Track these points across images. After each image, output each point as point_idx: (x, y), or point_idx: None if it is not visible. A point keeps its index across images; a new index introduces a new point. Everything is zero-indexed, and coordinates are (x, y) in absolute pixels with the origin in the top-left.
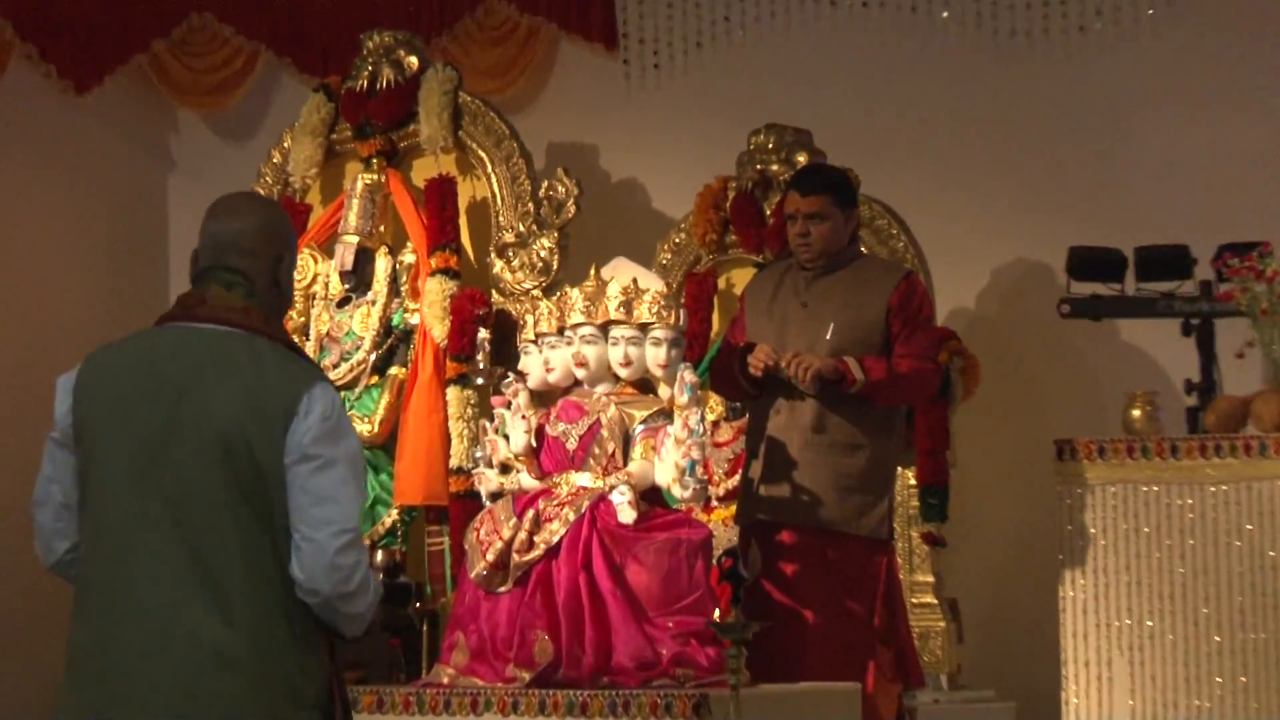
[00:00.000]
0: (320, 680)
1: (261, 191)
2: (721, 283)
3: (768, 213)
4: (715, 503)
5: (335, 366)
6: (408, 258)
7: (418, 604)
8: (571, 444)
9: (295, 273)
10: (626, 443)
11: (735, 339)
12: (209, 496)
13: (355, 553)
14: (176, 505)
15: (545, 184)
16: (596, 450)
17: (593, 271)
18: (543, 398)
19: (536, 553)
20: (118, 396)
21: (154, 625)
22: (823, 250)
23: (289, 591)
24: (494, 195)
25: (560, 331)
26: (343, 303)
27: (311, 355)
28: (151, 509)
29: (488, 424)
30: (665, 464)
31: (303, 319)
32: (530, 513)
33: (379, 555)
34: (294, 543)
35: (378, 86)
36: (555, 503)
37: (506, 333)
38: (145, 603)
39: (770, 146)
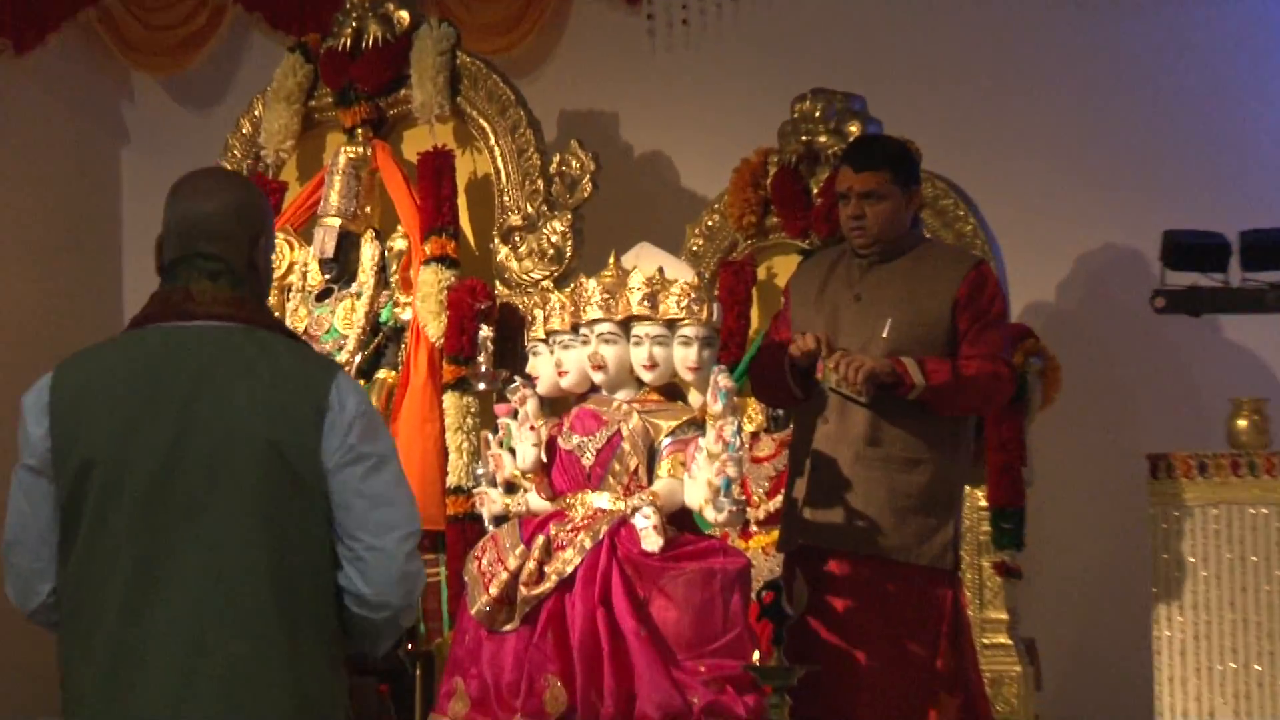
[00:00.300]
0: (345, 702)
1: (229, 167)
2: (761, 272)
3: (814, 191)
4: (754, 527)
5: None
6: (398, 243)
7: (409, 645)
8: (588, 459)
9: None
10: (651, 458)
11: (779, 335)
12: (230, 512)
13: (419, 558)
14: (194, 526)
15: (557, 158)
16: (616, 466)
17: (612, 260)
18: (554, 405)
19: (547, 585)
20: (109, 413)
21: (180, 660)
22: (880, 235)
23: (321, 608)
24: (498, 171)
25: (574, 329)
26: (323, 295)
27: None
28: (165, 534)
29: (490, 436)
30: (696, 482)
31: (277, 314)
32: (540, 539)
33: None
34: (352, 554)
35: (363, 45)
36: (569, 527)
37: (512, 330)
38: (168, 636)
39: (817, 115)
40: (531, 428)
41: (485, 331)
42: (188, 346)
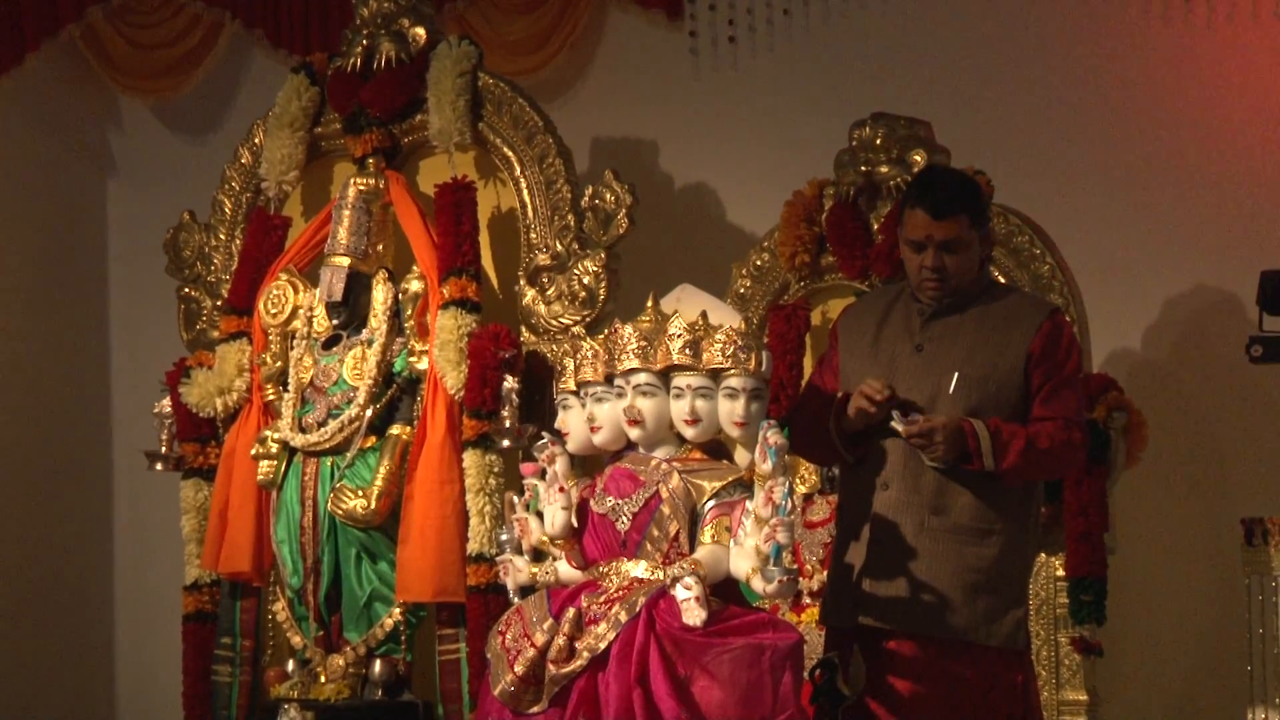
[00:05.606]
0: None
1: (227, 201)
2: (815, 317)
3: (874, 227)
4: (807, 599)
5: (320, 425)
6: (413, 285)
7: None
8: (623, 524)
9: (273, 305)
10: (693, 522)
11: (825, 384)
12: None
13: None
14: None
15: (589, 191)
16: (655, 532)
17: (650, 303)
18: (586, 464)
19: (578, 663)
20: None
21: None
22: (958, 286)
23: None
24: (524, 205)
25: (608, 380)
26: (330, 343)
27: (290, 409)
28: None
29: (515, 498)
30: (743, 549)
31: (279, 364)
32: (570, 612)
33: (377, 666)
34: None
35: (375, 66)
36: (602, 599)
37: (540, 382)
38: None
39: (878, 142)
40: (561, 489)
41: (510, 383)
42: None
